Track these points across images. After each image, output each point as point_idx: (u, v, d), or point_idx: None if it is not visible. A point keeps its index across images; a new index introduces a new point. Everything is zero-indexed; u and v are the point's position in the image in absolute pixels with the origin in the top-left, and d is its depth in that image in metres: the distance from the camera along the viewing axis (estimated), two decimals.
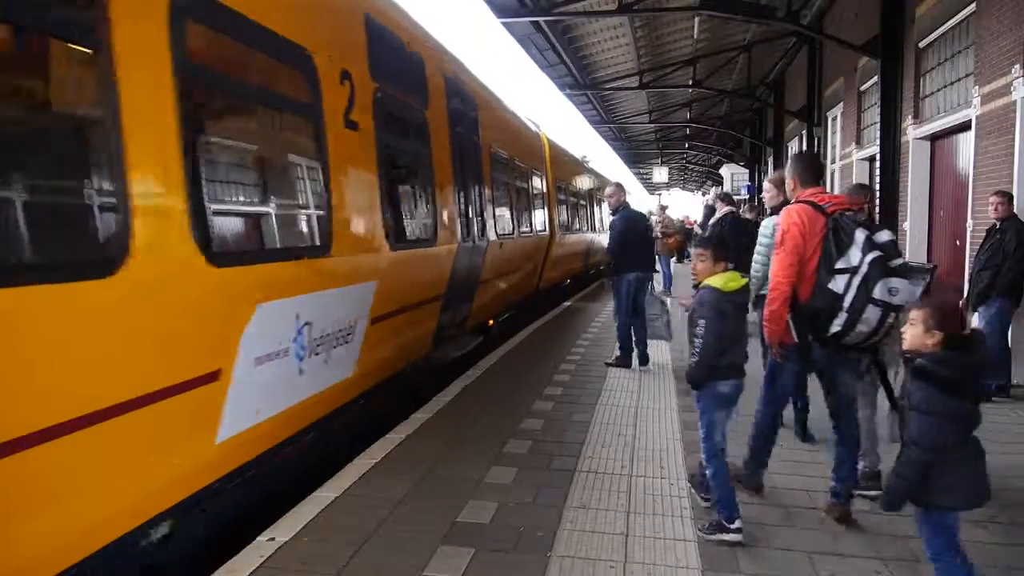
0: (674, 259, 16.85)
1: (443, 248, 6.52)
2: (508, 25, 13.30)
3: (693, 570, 3.22)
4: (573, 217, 16.26)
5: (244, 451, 3.62)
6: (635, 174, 51.31)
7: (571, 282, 16.84)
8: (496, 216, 8.84)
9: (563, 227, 14.40)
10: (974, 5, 7.68)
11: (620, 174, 46.00)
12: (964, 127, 8.09)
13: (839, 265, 3.51)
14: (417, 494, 4.06)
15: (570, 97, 21.01)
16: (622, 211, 7.80)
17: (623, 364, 7.47)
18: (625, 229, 7.60)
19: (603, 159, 57.78)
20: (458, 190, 7.10)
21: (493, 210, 8.66)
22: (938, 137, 9.15)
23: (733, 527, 3.50)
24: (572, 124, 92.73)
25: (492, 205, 8.63)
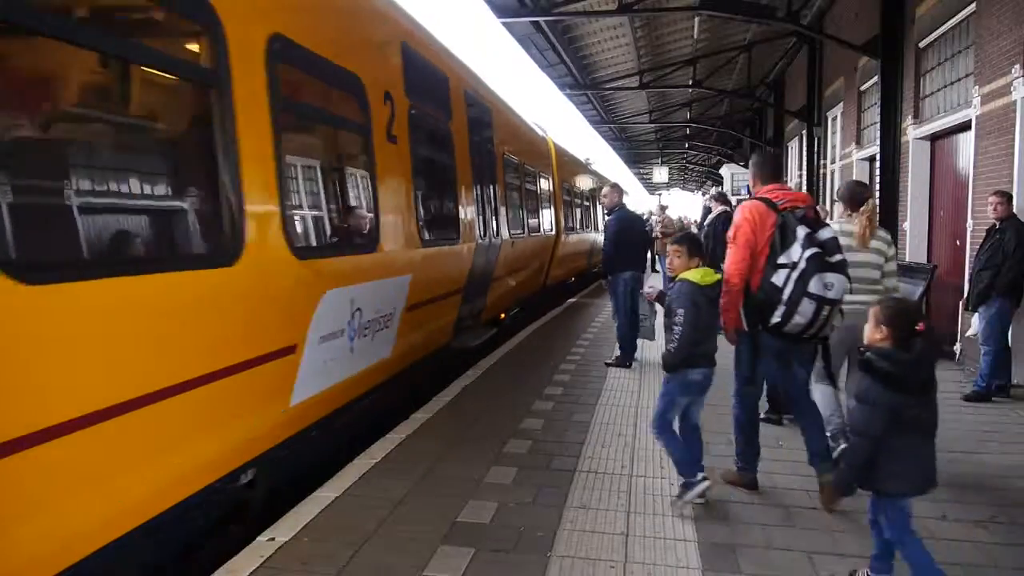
0: None
1: (464, 246, 7.24)
2: (508, 25, 13.30)
3: (693, 570, 3.22)
4: (578, 218, 16.72)
5: (309, 415, 4.27)
6: (635, 174, 51.31)
7: (575, 280, 17.00)
8: (508, 217, 9.47)
9: (568, 227, 14.96)
10: (974, 5, 7.68)
11: (620, 174, 46.07)
12: (964, 127, 8.09)
13: (781, 260, 3.75)
14: (417, 494, 4.06)
15: (570, 97, 21.00)
16: (617, 211, 7.89)
17: (623, 364, 7.49)
18: (619, 230, 7.69)
19: (604, 159, 57.76)
20: (476, 193, 7.78)
21: (506, 211, 9.29)
22: (938, 137, 9.15)
23: (698, 479, 3.81)
24: (572, 124, 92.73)
25: (505, 207, 9.25)
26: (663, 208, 18.52)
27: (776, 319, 3.76)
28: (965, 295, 6.78)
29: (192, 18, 3.31)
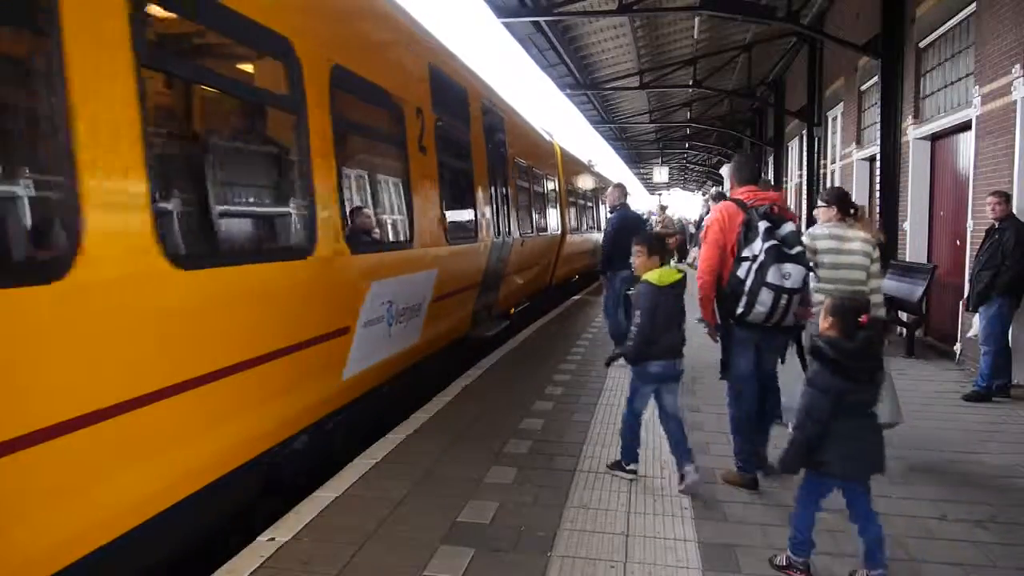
0: (674, 259, 16.86)
1: (481, 244, 7.92)
2: (508, 25, 13.31)
3: (693, 570, 3.22)
4: (581, 218, 17.14)
5: (357, 388, 4.95)
6: (635, 174, 51.32)
7: (579, 278, 17.15)
8: (519, 218, 10.15)
9: (573, 228, 15.44)
10: (974, 5, 7.68)
11: (620, 174, 46.07)
12: (964, 127, 8.09)
13: (744, 254, 3.98)
14: (417, 494, 4.07)
15: (570, 97, 21.02)
16: (619, 210, 7.93)
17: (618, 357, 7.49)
18: (618, 228, 7.71)
19: (604, 159, 57.85)
20: (491, 196, 8.49)
21: (516, 213, 9.98)
22: (938, 137, 9.15)
23: (628, 469, 4.27)
24: (573, 124, 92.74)
25: (516, 208, 9.93)
26: (663, 208, 18.55)
27: (740, 309, 3.97)
28: (966, 295, 6.78)
29: (282, 59, 3.98)
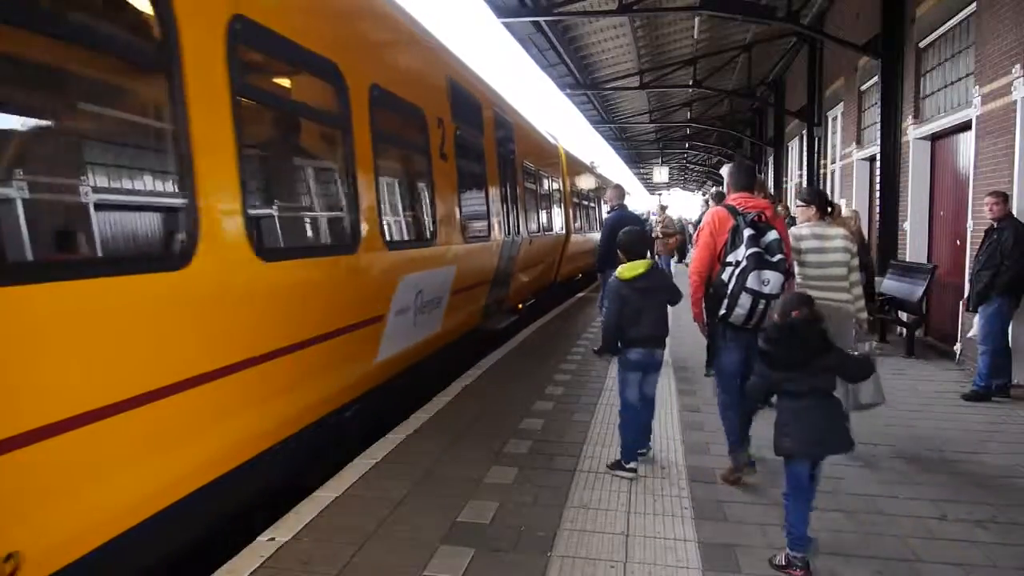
0: (674, 259, 16.86)
1: (493, 243, 8.51)
2: (508, 25, 13.32)
3: (693, 570, 3.22)
4: (585, 218, 17.59)
5: (387, 371, 5.51)
6: (635, 174, 51.30)
7: (582, 277, 17.38)
8: (527, 218, 10.78)
9: (577, 228, 15.98)
10: (974, 5, 7.68)
11: (621, 174, 46.09)
12: (964, 127, 8.09)
13: (729, 259, 4.18)
14: (417, 494, 4.07)
15: (570, 97, 21.02)
16: (617, 211, 8.18)
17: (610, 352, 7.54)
18: (615, 228, 7.70)
19: (604, 159, 57.82)
20: (502, 198, 9.11)
21: (525, 213, 10.59)
22: (938, 137, 9.15)
23: (627, 468, 4.34)
24: (573, 124, 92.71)
25: (524, 209, 10.54)
26: (663, 208, 18.51)
27: (722, 311, 4.18)
28: (966, 295, 6.78)
29: (333, 82, 4.53)
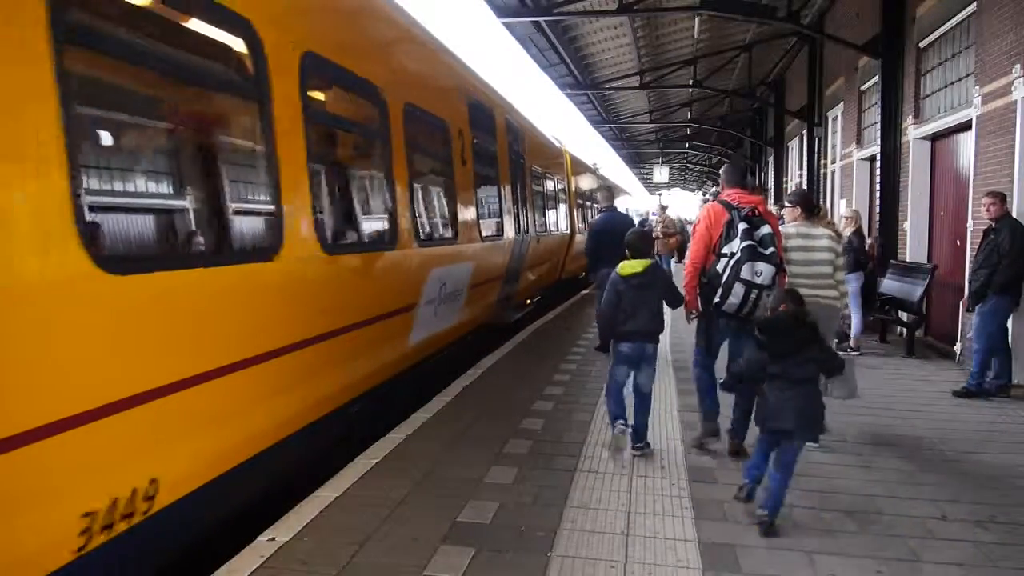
0: (674, 259, 16.87)
1: (505, 242, 9.29)
2: (508, 25, 13.30)
3: (693, 570, 3.22)
4: (587, 218, 17.98)
5: (417, 353, 6.20)
6: (636, 174, 51.28)
7: (585, 274, 17.46)
8: (535, 219, 11.59)
9: (580, 228, 16.53)
10: (974, 5, 7.68)
11: (621, 174, 46.07)
12: (965, 127, 8.09)
13: (724, 250, 4.46)
14: (417, 494, 4.07)
15: (570, 97, 21.01)
16: (605, 212, 8.57)
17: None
18: (600, 230, 8.25)
19: (605, 158, 57.71)
20: (513, 200, 9.89)
21: (533, 214, 11.40)
22: (939, 137, 9.15)
23: (616, 427, 4.70)
24: (573, 124, 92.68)
25: (532, 210, 11.34)
26: (663, 208, 18.52)
27: (717, 299, 4.46)
28: (966, 295, 6.79)
29: (378, 104, 5.25)
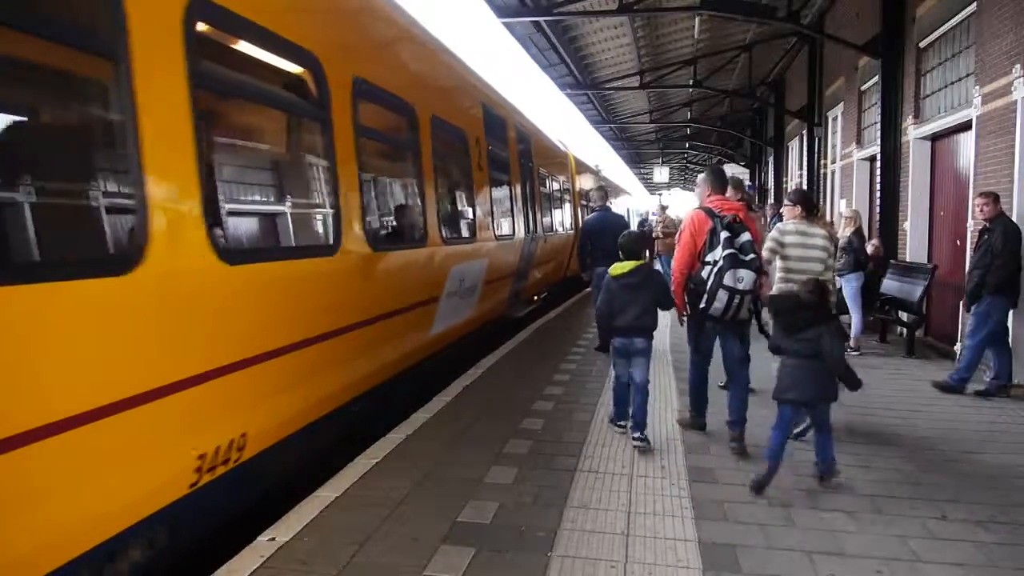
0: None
1: (516, 241, 9.94)
2: (508, 25, 13.30)
3: (693, 570, 3.22)
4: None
5: (436, 343, 6.67)
6: (636, 174, 51.26)
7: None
8: (543, 219, 12.24)
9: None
10: (975, 5, 7.68)
11: (621, 174, 46.04)
12: (965, 127, 8.09)
13: (708, 258, 4.71)
14: (418, 494, 4.07)
15: (570, 97, 21.00)
16: (598, 212, 8.65)
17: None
18: (591, 229, 8.46)
19: (605, 158, 57.74)
20: (523, 201, 10.59)
21: (540, 215, 12.01)
22: (939, 137, 9.15)
23: (619, 424, 5.18)
24: (573, 123, 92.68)
25: (540, 211, 11.98)
26: (663, 208, 18.50)
27: (702, 305, 4.69)
28: (966, 295, 6.80)
29: (410, 119, 5.90)
